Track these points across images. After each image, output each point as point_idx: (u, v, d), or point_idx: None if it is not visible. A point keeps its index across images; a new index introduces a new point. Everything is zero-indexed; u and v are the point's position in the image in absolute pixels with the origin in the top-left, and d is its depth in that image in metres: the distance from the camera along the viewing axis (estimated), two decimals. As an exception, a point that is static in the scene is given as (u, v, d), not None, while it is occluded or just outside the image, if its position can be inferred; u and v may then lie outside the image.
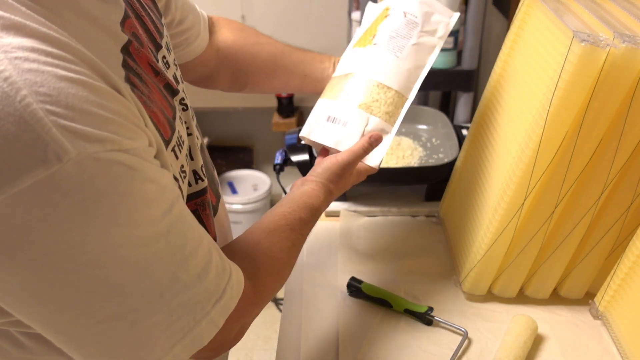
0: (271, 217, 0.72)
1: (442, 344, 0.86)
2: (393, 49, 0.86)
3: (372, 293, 0.94)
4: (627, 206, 0.83)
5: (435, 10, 0.89)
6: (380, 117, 0.84)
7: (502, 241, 0.87)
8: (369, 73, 0.86)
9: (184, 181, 0.63)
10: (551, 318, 0.91)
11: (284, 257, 0.69)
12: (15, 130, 0.39)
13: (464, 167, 1.06)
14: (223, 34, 0.96)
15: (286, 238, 0.70)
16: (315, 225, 0.77)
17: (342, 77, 0.88)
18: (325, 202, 0.78)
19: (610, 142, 0.78)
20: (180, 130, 0.63)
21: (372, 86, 0.85)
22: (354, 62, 0.88)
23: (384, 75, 0.85)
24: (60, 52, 0.43)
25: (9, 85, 0.39)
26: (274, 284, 0.68)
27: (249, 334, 2.04)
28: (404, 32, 0.86)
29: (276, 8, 2.36)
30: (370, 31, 0.89)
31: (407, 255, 1.05)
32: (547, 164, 0.79)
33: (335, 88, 0.87)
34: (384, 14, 0.89)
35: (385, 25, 0.87)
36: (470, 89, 1.59)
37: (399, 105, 0.86)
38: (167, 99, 0.61)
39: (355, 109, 0.84)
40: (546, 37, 0.81)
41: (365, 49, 0.87)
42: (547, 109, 0.76)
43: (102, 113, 0.43)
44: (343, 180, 0.81)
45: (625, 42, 0.70)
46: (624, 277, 0.83)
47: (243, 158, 2.68)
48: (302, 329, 0.90)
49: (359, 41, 0.90)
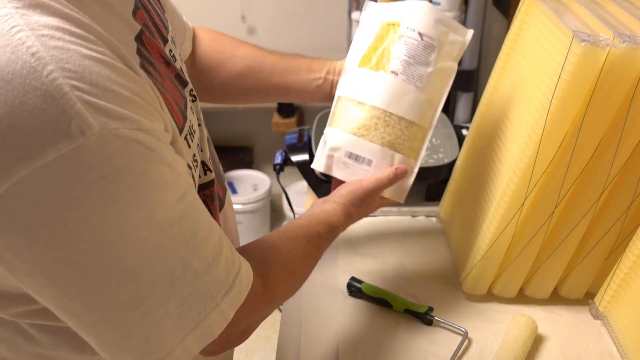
0: (289, 227, 0.72)
1: (442, 344, 0.86)
2: (413, 78, 0.81)
3: (372, 293, 0.94)
4: (627, 206, 0.83)
5: (450, 29, 0.83)
6: (405, 153, 0.82)
7: (502, 241, 0.87)
8: (391, 107, 0.80)
9: (195, 170, 0.64)
10: (551, 318, 0.91)
11: (297, 264, 0.69)
12: (41, 104, 0.40)
13: (464, 167, 1.06)
14: (199, 47, 0.94)
15: (302, 247, 0.70)
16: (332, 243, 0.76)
17: (355, 104, 0.82)
18: (344, 223, 0.78)
19: (610, 142, 0.78)
20: (191, 120, 0.63)
21: (395, 122, 0.81)
22: (368, 89, 0.82)
23: (407, 111, 0.81)
24: (83, 32, 0.44)
25: (36, 60, 0.40)
26: (286, 286, 0.67)
27: (249, 334, 2.04)
28: (423, 57, 0.81)
29: (276, 8, 2.36)
30: (382, 53, 0.81)
31: (407, 255, 1.05)
32: (547, 164, 0.79)
33: (350, 119, 0.82)
34: (395, 33, 0.81)
35: (400, 49, 0.81)
36: (470, 89, 1.59)
37: (421, 138, 0.84)
38: (179, 89, 0.62)
39: (379, 148, 0.81)
40: (546, 37, 0.81)
41: (380, 76, 0.81)
42: (547, 109, 0.76)
43: (123, 92, 0.44)
44: (364, 205, 0.81)
45: (625, 42, 0.70)
46: (624, 277, 0.83)
47: (243, 158, 2.68)
48: (302, 329, 0.90)
49: (367, 60, 0.83)
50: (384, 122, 0.80)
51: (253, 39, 2.51)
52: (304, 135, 1.17)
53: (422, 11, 0.81)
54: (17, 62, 0.40)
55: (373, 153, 0.82)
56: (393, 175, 0.82)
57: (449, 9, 1.47)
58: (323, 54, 0.99)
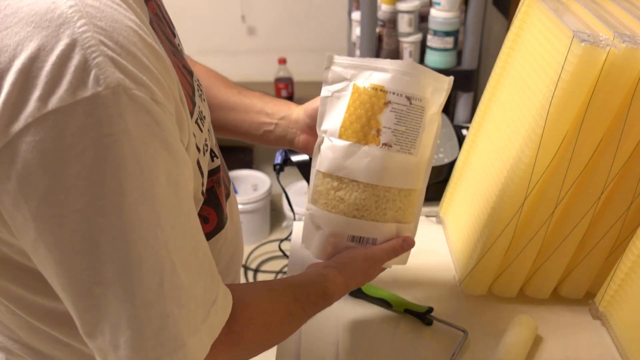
0: (279, 280, 0.70)
1: (442, 344, 0.86)
2: (407, 146, 0.73)
3: (372, 293, 0.94)
4: (627, 206, 0.83)
5: (433, 81, 0.75)
6: (406, 221, 0.78)
7: (502, 241, 0.87)
8: (389, 182, 0.74)
9: (205, 154, 0.64)
10: (551, 318, 0.91)
11: (276, 318, 0.65)
12: (69, 52, 0.43)
13: (464, 167, 1.06)
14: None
15: (286, 303, 0.66)
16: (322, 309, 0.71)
17: (347, 182, 0.74)
18: (340, 292, 0.73)
19: (610, 142, 0.78)
20: (200, 106, 0.65)
21: (395, 196, 0.75)
22: (361, 166, 0.73)
23: (405, 180, 0.75)
24: (118, 0, 0.48)
25: (72, 12, 0.44)
26: (255, 337, 0.61)
27: (249, 334, 2.04)
28: (414, 122, 0.73)
29: (276, 8, 2.36)
30: (369, 123, 0.72)
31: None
32: (547, 164, 0.79)
33: (346, 201, 0.74)
34: (379, 99, 0.72)
35: (389, 118, 0.72)
36: (470, 89, 1.59)
37: (419, 200, 0.79)
38: (186, 77, 0.63)
39: (382, 224, 0.75)
40: (546, 37, 0.81)
41: (372, 151, 0.72)
42: (547, 109, 0.76)
43: (144, 61, 0.47)
44: (367, 276, 0.76)
45: (625, 42, 0.70)
46: (624, 277, 0.83)
47: (243, 158, 2.68)
48: (302, 329, 0.90)
49: (350, 132, 0.73)
50: (384, 198, 0.74)
51: (253, 39, 2.51)
52: (304, 135, 1.16)
53: (406, 72, 0.72)
54: (55, 11, 0.43)
55: (377, 232, 0.76)
56: (399, 247, 0.77)
57: (449, 9, 1.47)
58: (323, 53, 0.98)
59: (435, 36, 1.50)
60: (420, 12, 1.56)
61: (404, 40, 1.55)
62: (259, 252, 2.39)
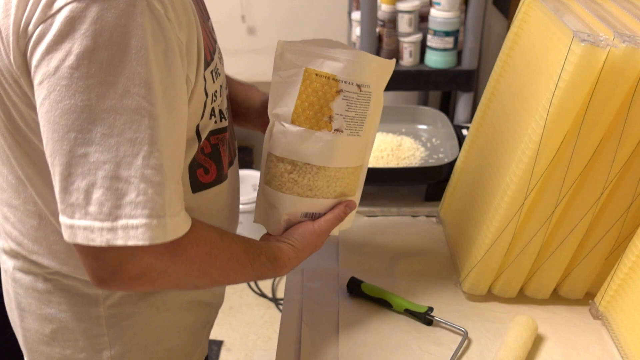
0: (237, 235, 0.75)
1: (442, 344, 0.86)
2: (355, 129, 0.77)
3: (372, 293, 0.94)
4: (628, 206, 0.83)
5: (379, 67, 0.78)
6: (352, 193, 0.83)
7: (502, 241, 0.87)
8: (339, 163, 0.78)
9: (212, 102, 0.73)
10: (551, 318, 0.91)
11: (222, 254, 0.69)
12: None
13: (464, 167, 1.06)
14: None
15: (235, 250, 0.71)
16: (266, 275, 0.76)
17: (301, 166, 0.78)
18: (289, 262, 0.78)
19: (610, 142, 0.78)
20: (217, 64, 0.73)
21: (344, 175, 0.80)
22: (313, 151, 0.77)
23: (353, 160, 0.80)
24: None
25: None
26: (196, 256, 0.65)
27: (249, 334, 2.05)
28: (362, 108, 0.77)
29: (276, 8, 2.36)
30: (322, 110, 0.75)
31: (407, 255, 1.05)
32: (547, 164, 0.79)
33: (300, 183, 0.79)
34: (332, 87, 0.74)
35: (341, 105, 0.75)
36: (470, 89, 1.59)
37: (364, 171, 0.85)
38: (210, 37, 0.72)
39: (332, 201, 0.81)
40: (546, 37, 0.81)
41: (324, 136, 0.76)
42: (547, 109, 0.76)
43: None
44: (316, 245, 0.82)
45: (625, 42, 0.70)
46: (624, 277, 0.83)
47: (243, 158, 2.68)
48: (302, 329, 0.90)
49: (303, 117, 0.76)
50: (334, 177, 0.79)
51: (253, 39, 2.51)
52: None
53: (356, 61, 0.74)
54: None
55: (327, 206, 0.82)
56: (343, 213, 0.82)
57: (449, 8, 1.47)
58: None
59: (435, 36, 1.50)
60: (420, 12, 1.55)
61: (404, 40, 1.55)
62: (259, 252, 2.40)
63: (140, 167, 0.57)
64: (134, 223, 0.57)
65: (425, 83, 1.59)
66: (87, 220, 0.57)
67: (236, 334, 2.03)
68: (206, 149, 0.75)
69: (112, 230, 0.57)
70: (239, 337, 2.03)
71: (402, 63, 1.57)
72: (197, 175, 0.75)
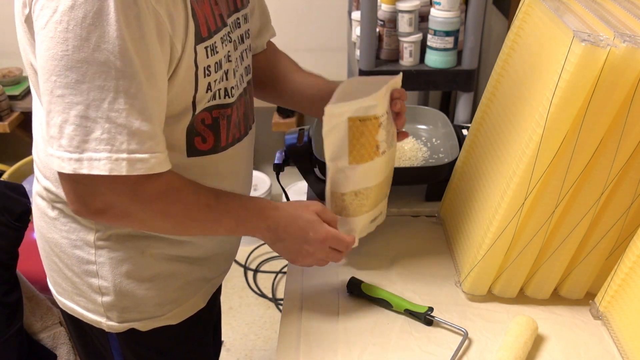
0: (212, 187, 0.81)
1: (442, 344, 0.86)
2: (392, 143, 0.94)
3: (372, 293, 0.93)
4: (628, 206, 0.83)
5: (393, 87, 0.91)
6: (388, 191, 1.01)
7: (502, 241, 0.87)
8: (389, 171, 0.97)
9: (206, 76, 0.78)
10: (551, 318, 0.91)
11: (188, 201, 0.77)
12: None
13: (464, 167, 1.06)
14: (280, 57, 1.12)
15: (205, 198, 0.78)
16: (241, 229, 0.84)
17: (362, 191, 0.92)
18: (273, 218, 0.83)
19: (610, 142, 0.78)
20: (217, 42, 0.79)
21: (389, 178, 0.99)
22: (370, 175, 0.91)
23: (392, 165, 0.97)
24: None
25: None
26: (156, 198, 0.75)
27: (249, 334, 2.05)
28: (391, 125, 0.92)
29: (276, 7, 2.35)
30: (372, 143, 0.88)
31: (407, 255, 1.05)
32: (547, 164, 0.79)
33: (364, 205, 0.93)
34: (374, 125, 0.87)
35: (382, 134, 0.89)
36: (470, 89, 1.59)
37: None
38: (216, 16, 0.79)
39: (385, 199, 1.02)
40: (546, 37, 0.81)
41: (376, 162, 0.90)
42: (547, 109, 0.76)
43: None
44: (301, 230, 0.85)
45: (625, 42, 0.70)
46: (625, 277, 0.83)
47: (243, 158, 2.67)
48: (302, 329, 0.90)
49: (358, 157, 0.88)
50: (386, 183, 0.97)
51: (253, 38, 2.51)
52: (304, 135, 1.17)
53: (385, 94, 0.89)
54: None
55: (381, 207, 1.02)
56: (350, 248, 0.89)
57: (449, 8, 1.47)
58: (323, 53, 0.99)
59: (435, 36, 1.50)
60: (420, 12, 1.55)
61: (404, 39, 1.55)
62: (259, 252, 2.39)
63: (107, 110, 0.67)
64: (97, 156, 0.68)
65: (425, 83, 1.59)
66: (60, 151, 0.68)
67: (236, 334, 2.04)
68: (207, 120, 0.83)
69: (78, 161, 0.68)
70: (238, 337, 2.03)
71: (402, 63, 1.57)
72: (195, 142, 0.83)
